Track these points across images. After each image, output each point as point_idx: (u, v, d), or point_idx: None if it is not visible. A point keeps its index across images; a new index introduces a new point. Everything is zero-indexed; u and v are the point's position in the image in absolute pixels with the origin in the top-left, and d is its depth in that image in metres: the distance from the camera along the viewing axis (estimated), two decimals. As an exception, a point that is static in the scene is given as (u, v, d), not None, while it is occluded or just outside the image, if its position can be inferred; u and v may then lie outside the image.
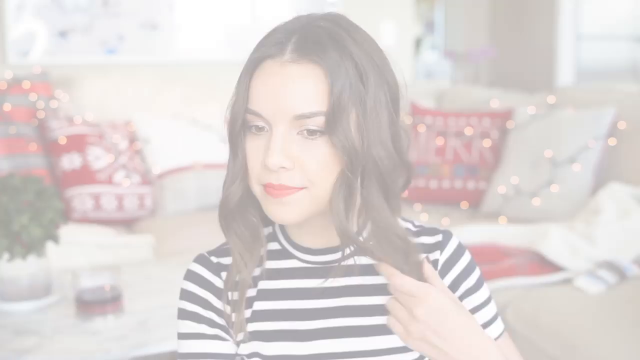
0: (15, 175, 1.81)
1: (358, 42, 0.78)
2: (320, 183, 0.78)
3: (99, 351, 1.59)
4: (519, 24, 4.36)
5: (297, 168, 0.78)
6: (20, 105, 2.83)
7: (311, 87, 0.76)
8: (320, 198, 0.79)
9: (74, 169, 2.73)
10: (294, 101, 0.76)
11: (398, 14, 3.82)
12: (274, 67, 0.77)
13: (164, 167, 2.86)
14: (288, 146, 0.77)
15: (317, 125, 0.76)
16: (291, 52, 0.77)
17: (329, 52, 0.76)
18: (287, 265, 0.88)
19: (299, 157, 0.77)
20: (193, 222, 2.67)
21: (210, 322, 0.87)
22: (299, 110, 0.76)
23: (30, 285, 1.84)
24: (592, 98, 2.82)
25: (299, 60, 0.76)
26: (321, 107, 0.76)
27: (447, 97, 3.49)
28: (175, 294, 0.91)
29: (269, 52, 0.78)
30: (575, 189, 2.62)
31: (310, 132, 0.77)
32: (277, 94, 0.77)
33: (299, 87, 0.76)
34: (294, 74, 0.76)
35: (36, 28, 3.15)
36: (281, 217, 0.80)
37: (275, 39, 0.79)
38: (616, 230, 2.23)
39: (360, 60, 0.77)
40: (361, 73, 0.77)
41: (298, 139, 0.78)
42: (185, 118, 3.04)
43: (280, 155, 0.76)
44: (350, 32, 0.79)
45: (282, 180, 0.78)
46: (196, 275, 0.88)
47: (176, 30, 3.42)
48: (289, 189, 0.78)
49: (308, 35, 0.77)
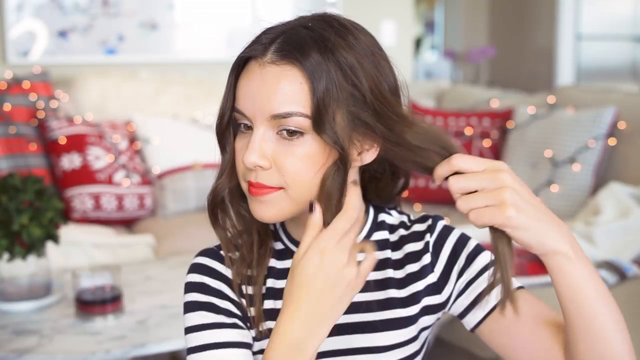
0: (15, 175, 1.81)
1: (349, 43, 0.78)
2: (297, 185, 0.79)
3: (99, 351, 1.59)
4: (519, 24, 4.36)
5: (274, 168, 0.79)
6: (20, 105, 2.83)
7: (288, 87, 0.76)
8: (298, 199, 0.80)
9: (74, 169, 2.74)
10: (270, 102, 0.77)
11: (398, 14, 3.82)
12: (255, 68, 0.79)
13: (164, 167, 2.86)
14: (265, 146, 0.78)
15: (296, 125, 0.77)
16: (272, 53, 0.78)
17: (310, 53, 0.76)
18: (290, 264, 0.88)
19: (276, 158, 0.78)
20: (193, 222, 2.67)
21: (228, 312, 0.85)
22: (275, 110, 0.77)
23: (30, 285, 1.84)
24: (592, 98, 2.82)
25: (278, 62, 0.77)
26: (299, 108, 0.76)
27: (447, 97, 3.49)
28: (175, 294, 0.91)
29: (253, 52, 0.79)
30: (575, 189, 2.62)
31: (289, 132, 0.77)
32: (256, 94, 0.78)
33: (275, 88, 0.77)
34: (272, 75, 0.77)
35: (36, 28, 3.15)
36: (261, 215, 0.81)
37: (262, 40, 0.79)
38: (616, 230, 2.23)
39: (348, 60, 0.77)
40: (348, 74, 0.77)
41: (276, 138, 0.78)
42: (185, 118, 3.04)
43: (256, 154, 0.78)
44: (340, 33, 0.78)
45: (260, 178, 0.79)
46: (205, 267, 0.88)
47: (176, 30, 3.42)
48: (266, 188, 0.79)
49: (292, 36, 0.78)
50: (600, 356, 0.75)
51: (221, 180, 0.84)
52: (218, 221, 0.86)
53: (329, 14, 0.82)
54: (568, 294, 0.74)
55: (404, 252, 0.89)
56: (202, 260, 0.88)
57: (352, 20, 0.83)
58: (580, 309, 0.74)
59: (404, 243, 0.89)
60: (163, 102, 3.08)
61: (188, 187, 2.85)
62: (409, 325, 0.87)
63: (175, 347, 1.67)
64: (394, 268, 0.88)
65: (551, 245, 0.73)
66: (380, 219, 0.91)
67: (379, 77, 0.79)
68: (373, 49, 0.81)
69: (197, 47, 3.47)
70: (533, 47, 4.24)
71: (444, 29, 5.38)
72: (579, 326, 0.75)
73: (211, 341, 0.84)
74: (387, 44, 3.87)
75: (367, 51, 0.79)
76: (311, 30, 0.78)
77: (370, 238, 0.89)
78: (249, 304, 0.86)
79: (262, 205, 0.80)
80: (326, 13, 0.82)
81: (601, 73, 4.19)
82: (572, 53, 4.11)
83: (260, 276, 0.86)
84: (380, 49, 0.82)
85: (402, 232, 0.90)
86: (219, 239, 0.87)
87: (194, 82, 3.19)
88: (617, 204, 2.33)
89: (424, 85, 3.96)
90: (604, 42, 4.21)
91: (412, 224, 0.91)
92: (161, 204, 2.83)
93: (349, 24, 0.81)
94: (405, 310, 0.87)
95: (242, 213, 0.86)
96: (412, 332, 0.87)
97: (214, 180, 0.86)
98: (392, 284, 0.87)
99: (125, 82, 3.06)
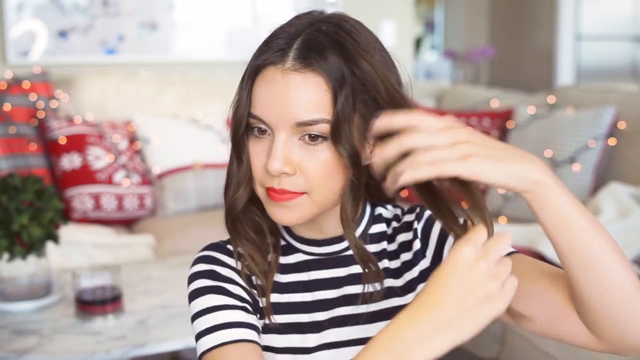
0: (15, 175, 1.81)
1: (361, 45, 0.78)
2: (321, 189, 0.79)
3: (99, 351, 1.59)
4: (519, 24, 4.36)
5: (298, 173, 0.79)
6: (20, 105, 2.83)
7: (313, 95, 0.77)
8: (322, 202, 0.81)
9: (74, 169, 2.74)
10: (295, 109, 0.77)
11: (398, 14, 3.82)
12: (276, 75, 0.78)
13: (164, 167, 2.86)
14: (289, 151, 0.78)
15: (319, 131, 0.77)
16: (293, 59, 0.77)
17: (331, 59, 0.76)
18: (293, 260, 0.89)
19: (300, 163, 0.78)
20: (193, 222, 2.67)
21: (239, 298, 0.85)
22: (301, 117, 0.77)
23: (30, 285, 1.84)
24: (592, 98, 2.82)
25: (301, 69, 0.77)
26: (323, 115, 0.77)
27: (447, 97, 3.49)
28: (176, 294, 0.91)
29: (271, 58, 0.78)
30: (575, 189, 2.62)
31: (312, 137, 0.78)
32: (279, 101, 0.77)
33: (300, 95, 0.77)
34: (296, 82, 0.77)
35: (36, 28, 3.15)
36: (282, 219, 0.81)
37: (277, 45, 0.79)
38: (616, 230, 2.23)
39: (363, 63, 0.77)
40: (366, 79, 0.77)
41: (300, 144, 0.78)
42: (185, 118, 3.04)
43: (281, 160, 0.77)
44: (353, 35, 0.79)
45: (284, 184, 0.79)
46: (213, 258, 0.87)
47: (176, 30, 3.42)
48: (290, 194, 0.79)
49: (310, 41, 0.78)
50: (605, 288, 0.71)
51: (240, 192, 0.83)
52: (241, 234, 0.86)
53: (339, 15, 0.82)
54: (560, 227, 0.70)
55: (397, 242, 0.90)
56: (210, 253, 0.88)
57: (357, 20, 0.83)
58: (574, 242, 0.70)
59: (396, 234, 0.90)
60: (163, 102, 3.08)
61: (188, 187, 2.85)
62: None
63: (175, 347, 1.67)
64: (389, 259, 0.89)
65: (531, 177, 0.68)
66: (377, 212, 0.92)
67: (391, 79, 0.80)
68: (382, 50, 0.82)
69: (197, 47, 3.48)
70: (533, 47, 4.25)
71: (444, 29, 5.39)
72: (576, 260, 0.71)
73: (222, 322, 0.81)
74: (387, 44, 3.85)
75: (378, 54, 0.80)
76: (327, 34, 0.78)
77: (369, 231, 0.90)
78: (260, 295, 0.86)
79: (284, 210, 0.80)
80: (335, 14, 0.82)
81: (601, 73, 4.19)
82: (572, 53, 4.11)
83: (271, 271, 0.87)
84: (386, 49, 0.83)
85: (394, 225, 0.91)
86: (244, 250, 0.85)
87: (194, 82, 3.19)
88: (617, 204, 2.33)
89: (424, 85, 3.97)
90: (604, 42, 4.21)
91: (403, 215, 0.92)
92: (161, 204, 2.83)
93: (359, 26, 0.81)
94: (403, 299, 0.88)
95: (251, 216, 0.86)
96: None
97: (228, 190, 0.84)
98: (388, 274, 0.89)
99: (125, 82, 3.06)
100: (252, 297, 0.86)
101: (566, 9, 4.04)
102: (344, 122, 0.76)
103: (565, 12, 4.05)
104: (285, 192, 0.79)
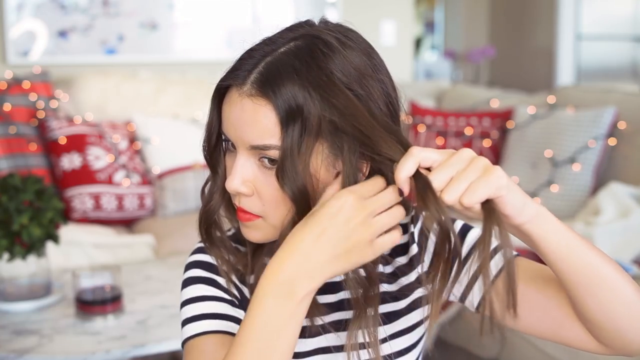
0: (15, 175, 1.81)
1: (337, 65, 0.75)
2: (275, 213, 0.78)
3: (99, 351, 1.59)
4: (519, 24, 4.37)
5: (255, 195, 0.78)
6: (20, 105, 2.83)
7: (263, 122, 0.74)
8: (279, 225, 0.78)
9: (74, 169, 2.74)
10: (248, 133, 0.75)
11: (398, 14, 3.82)
12: (234, 97, 0.77)
13: (164, 167, 2.86)
14: (248, 172, 0.77)
15: (274, 156, 0.75)
16: (251, 83, 0.75)
17: (286, 89, 0.73)
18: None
19: (258, 185, 0.77)
20: (193, 222, 2.62)
21: (229, 292, 0.86)
22: (254, 141, 0.75)
23: (30, 285, 1.84)
24: (592, 98, 2.82)
25: (255, 95, 0.75)
26: (276, 141, 0.74)
27: (447, 97, 3.49)
28: (176, 294, 0.90)
29: (234, 79, 0.77)
30: (575, 189, 2.62)
31: (270, 161, 0.76)
32: (237, 123, 0.76)
33: (252, 120, 0.75)
34: (248, 107, 0.75)
35: (36, 28, 3.15)
36: (248, 237, 0.81)
37: (245, 65, 0.77)
38: (616, 230, 2.23)
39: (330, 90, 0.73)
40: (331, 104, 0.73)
41: (258, 166, 0.77)
42: (185, 118, 3.05)
43: (238, 180, 0.77)
44: (327, 59, 0.75)
45: (243, 204, 0.79)
46: (206, 264, 0.87)
47: (176, 30, 3.42)
48: (248, 214, 0.79)
49: (272, 66, 0.75)
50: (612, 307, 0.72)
51: (214, 202, 0.84)
52: (214, 242, 0.86)
53: (317, 33, 0.77)
54: (563, 253, 0.71)
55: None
56: (203, 258, 0.88)
57: (346, 26, 0.79)
58: (579, 265, 0.71)
59: None
60: (163, 102, 3.08)
61: (188, 187, 2.85)
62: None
63: (175, 347, 1.67)
64: (383, 263, 0.88)
65: (532, 207, 0.69)
66: None
67: (367, 101, 0.75)
68: (363, 68, 0.76)
69: (197, 47, 3.48)
70: (533, 47, 4.25)
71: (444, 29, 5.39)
72: (583, 281, 0.72)
73: (208, 311, 0.83)
74: (387, 44, 3.87)
75: (353, 75, 0.75)
76: (293, 56, 0.75)
77: None
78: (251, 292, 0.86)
79: (248, 229, 0.80)
80: (313, 30, 0.77)
81: (601, 73, 4.19)
82: (572, 53, 4.11)
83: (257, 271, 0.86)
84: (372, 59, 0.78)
85: None
86: (217, 260, 0.86)
87: (194, 82, 3.19)
88: (617, 204, 2.33)
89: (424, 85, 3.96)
90: (604, 42, 4.21)
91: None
92: (161, 204, 2.83)
93: (338, 43, 0.76)
94: (396, 305, 0.87)
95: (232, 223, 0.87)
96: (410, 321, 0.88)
97: (203, 200, 0.85)
98: (382, 279, 0.87)
99: (125, 82, 3.06)
100: (242, 294, 0.86)
101: (566, 9, 4.04)
102: (292, 156, 0.73)
103: (565, 12, 4.05)
104: (245, 212, 0.79)
